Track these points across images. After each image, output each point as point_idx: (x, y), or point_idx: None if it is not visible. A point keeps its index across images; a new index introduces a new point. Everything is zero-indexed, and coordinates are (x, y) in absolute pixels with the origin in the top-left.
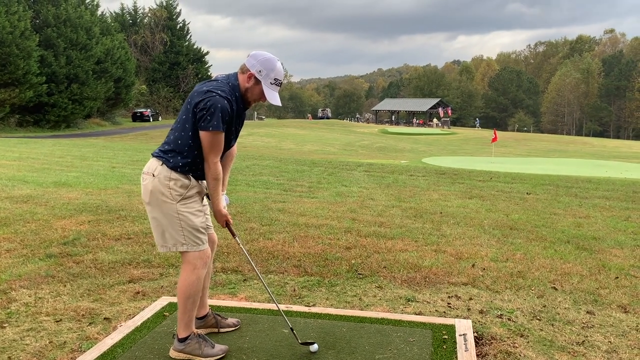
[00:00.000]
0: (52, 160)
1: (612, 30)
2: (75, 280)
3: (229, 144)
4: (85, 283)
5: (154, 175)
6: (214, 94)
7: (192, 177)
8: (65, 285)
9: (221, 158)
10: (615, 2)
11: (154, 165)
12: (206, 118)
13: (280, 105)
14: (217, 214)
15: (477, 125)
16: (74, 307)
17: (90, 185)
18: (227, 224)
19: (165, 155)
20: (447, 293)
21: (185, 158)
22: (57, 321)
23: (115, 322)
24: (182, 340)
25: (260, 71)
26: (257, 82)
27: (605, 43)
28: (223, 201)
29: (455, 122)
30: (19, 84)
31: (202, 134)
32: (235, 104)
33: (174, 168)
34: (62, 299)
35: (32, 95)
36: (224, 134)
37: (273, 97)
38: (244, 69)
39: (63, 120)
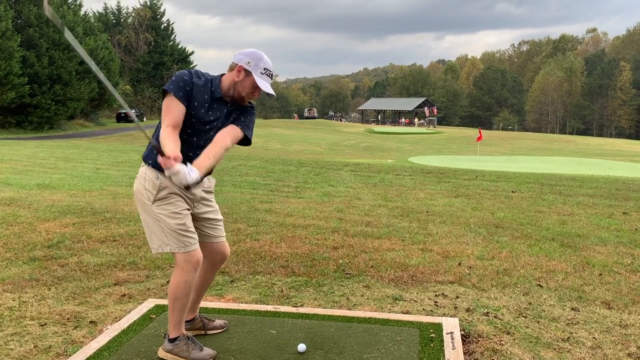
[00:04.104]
0: (35, 162)
1: (594, 30)
2: (60, 284)
3: (197, 127)
4: (70, 286)
5: (141, 179)
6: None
7: (160, 176)
8: (49, 289)
9: (198, 143)
10: (602, 2)
11: (142, 169)
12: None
13: (274, 95)
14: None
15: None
16: (58, 311)
17: (74, 187)
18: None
19: (146, 152)
20: (434, 291)
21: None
22: (42, 325)
23: (101, 325)
24: (171, 341)
25: (248, 62)
26: (247, 73)
27: (588, 42)
28: (186, 168)
29: (440, 121)
30: (0, 85)
31: None
32: (202, 87)
33: (149, 165)
34: (47, 303)
35: (14, 96)
36: (176, 99)
37: (265, 86)
38: (232, 66)
39: (46, 121)
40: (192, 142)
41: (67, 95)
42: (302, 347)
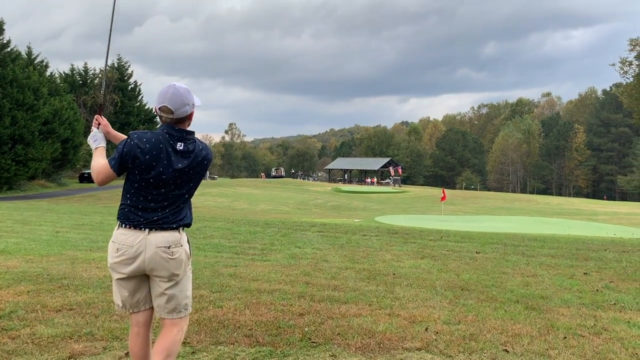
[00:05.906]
0: None
1: (548, 94)
2: (9, 358)
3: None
4: None
5: (182, 245)
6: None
7: None
8: None
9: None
10: (555, 69)
11: (176, 235)
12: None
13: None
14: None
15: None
16: None
17: (31, 251)
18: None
19: (181, 220)
20: (401, 359)
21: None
22: None
23: None
24: None
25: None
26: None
27: (544, 105)
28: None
29: (405, 181)
30: None
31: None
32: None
33: (184, 230)
34: None
35: None
36: None
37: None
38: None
39: (5, 182)
40: None
41: (28, 155)
42: None
